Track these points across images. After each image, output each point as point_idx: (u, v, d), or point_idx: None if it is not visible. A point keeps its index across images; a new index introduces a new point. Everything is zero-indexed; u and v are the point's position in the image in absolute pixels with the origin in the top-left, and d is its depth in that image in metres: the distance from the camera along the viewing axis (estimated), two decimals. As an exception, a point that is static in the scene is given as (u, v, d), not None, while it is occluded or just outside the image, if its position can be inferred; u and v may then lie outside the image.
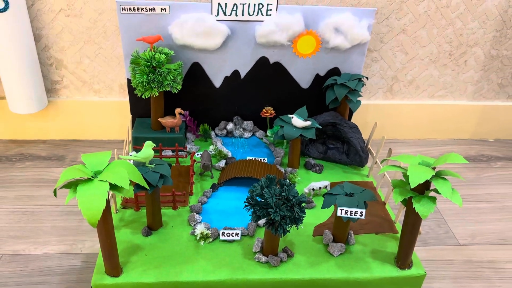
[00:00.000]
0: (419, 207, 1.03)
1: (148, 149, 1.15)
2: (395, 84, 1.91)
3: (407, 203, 1.08)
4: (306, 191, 1.43)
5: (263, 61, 1.61)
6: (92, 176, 0.94)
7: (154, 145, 1.17)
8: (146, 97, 1.48)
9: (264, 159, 1.60)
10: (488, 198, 1.69)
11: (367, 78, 1.65)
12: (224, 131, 1.74)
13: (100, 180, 0.92)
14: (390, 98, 1.95)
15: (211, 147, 1.62)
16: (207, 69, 1.62)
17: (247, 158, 1.56)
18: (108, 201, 0.94)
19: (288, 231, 1.07)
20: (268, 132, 1.70)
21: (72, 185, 0.93)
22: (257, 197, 1.08)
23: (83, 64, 1.71)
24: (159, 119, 1.59)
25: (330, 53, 1.61)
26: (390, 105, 1.94)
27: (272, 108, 1.70)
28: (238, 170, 1.46)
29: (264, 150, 1.67)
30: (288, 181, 1.11)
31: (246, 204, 1.09)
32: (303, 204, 1.07)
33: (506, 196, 1.71)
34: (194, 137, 1.71)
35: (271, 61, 1.62)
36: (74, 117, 1.81)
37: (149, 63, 1.44)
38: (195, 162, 1.53)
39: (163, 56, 1.45)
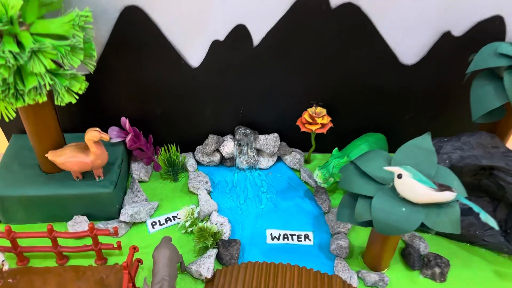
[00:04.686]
0: None
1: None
2: None
3: None
4: None
5: (309, 4, 0.61)
6: None
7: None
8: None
9: (306, 236, 0.70)
10: None
11: None
12: (216, 157, 0.79)
13: None
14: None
15: (182, 214, 0.69)
16: (164, 26, 0.63)
17: (268, 262, 0.64)
18: None
19: None
20: (318, 176, 0.73)
21: None
22: None
23: None
24: (49, 156, 0.64)
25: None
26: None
27: (325, 111, 0.73)
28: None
29: (307, 209, 0.78)
30: None
31: None
32: None
33: None
34: (150, 172, 0.78)
35: (334, 3, 0.61)
36: None
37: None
38: (138, 263, 0.63)
39: (20, 3, 0.45)
